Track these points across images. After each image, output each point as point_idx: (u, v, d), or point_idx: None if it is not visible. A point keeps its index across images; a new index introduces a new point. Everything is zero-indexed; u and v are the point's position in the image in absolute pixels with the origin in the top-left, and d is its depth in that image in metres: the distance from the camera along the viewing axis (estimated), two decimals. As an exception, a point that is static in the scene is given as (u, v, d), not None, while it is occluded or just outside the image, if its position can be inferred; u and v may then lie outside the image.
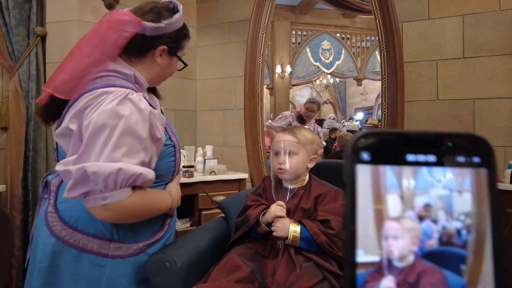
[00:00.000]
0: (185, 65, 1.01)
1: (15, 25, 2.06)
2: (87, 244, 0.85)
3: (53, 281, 0.85)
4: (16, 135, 2.03)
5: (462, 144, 0.22)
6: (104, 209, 0.77)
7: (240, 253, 1.08)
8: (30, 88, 2.11)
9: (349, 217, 0.21)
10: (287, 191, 1.13)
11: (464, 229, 0.20)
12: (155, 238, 0.95)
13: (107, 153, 0.74)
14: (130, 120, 0.77)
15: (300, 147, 1.13)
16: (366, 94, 4.76)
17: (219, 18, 2.69)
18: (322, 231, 1.04)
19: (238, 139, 2.54)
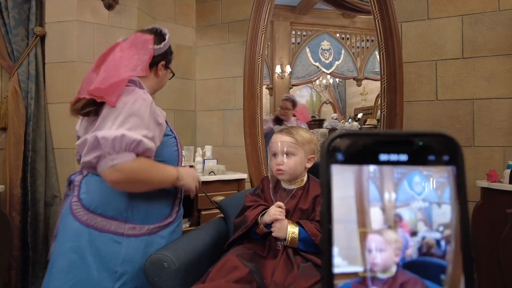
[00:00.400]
0: (173, 74, 1.25)
1: (14, 25, 2.06)
2: (105, 225, 1.01)
3: (78, 259, 0.99)
4: (15, 135, 2.03)
5: (432, 143, 0.23)
6: (113, 170, 0.93)
7: (238, 253, 1.08)
8: (30, 88, 2.11)
9: (326, 216, 0.22)
10: (285, 191, 1.13)
11: (443, 240, 0.20)
12: (165, 222, 1.10)
13: (114, 127, 0.94)
14: (134, 105, 0.97)
15: (298, 148, 1.13)
16: (366, 94, 4.74)
17: (218, 18, 2.69)
18: (320, 231, 1.04)
19: (237, 140, 2.54)
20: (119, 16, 2.29)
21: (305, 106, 3.18)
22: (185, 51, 2.71)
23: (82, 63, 2.19)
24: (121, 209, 1.02)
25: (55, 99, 2.20)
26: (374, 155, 0.22)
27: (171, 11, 2.67)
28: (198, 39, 2.74)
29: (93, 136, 0.93)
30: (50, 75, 2.21)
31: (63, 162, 2.18)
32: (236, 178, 2.05)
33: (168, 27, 2.63)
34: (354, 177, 0.22)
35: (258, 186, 1.27)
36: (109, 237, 1.00)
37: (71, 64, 2.19)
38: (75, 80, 2.17)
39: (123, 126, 0.94)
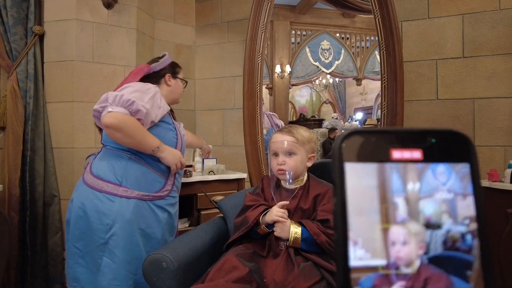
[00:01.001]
0: (186, 83, 1.60)
1: (12, 24, 2.05)
2: (103, 186, 1.26)
3: (83, 214, 1.24)
4: (13, 134, 2.02)
5: (445, 140, 0.23)
6: (109, 115, 1.21)
7: (238, 253, 1.07)
8: (28, 87, 2.10)
9: (340, 216, 0.21)
10: (286, 191, 1.12)
11: (469, 234, 0.19)
12: (156, 194, 1.32)
13: (121, 92, 1.26)
14: (140, 86, 1.32)
15: (299, 147, 1.12)
16: (366, 94, 4.74)
17: (218, 17, 2.68)
18: (322, 231, 1.04)
19: (237, 139, 2.53)
20: (119, 15, 2.28)
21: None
22: (185, 50, 2.70)
23: (81, 62, 2.18)
24: (117, 175, 1.27)
25: (54, 98, 2.19)
26: (387, 153, 0.22)
27: (170, 10, 2.65)
28: (198, 38, 2.73)
29: (104, 95, 1.25)
30: (49, 74, 2.19)
31: (61, 162, 2.17)
32: (236, 177, 2.04)
33: (167, 26, 2.64)
34: (376, 167, 0.21)
35: (258, 185, 1.27)
36: (105, 196, 1.25)
37: (70, 63, 2.17)
38: (74, 79, 2.16)
39: (127, 92, 1.26)
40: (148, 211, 1.28)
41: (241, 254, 1.07)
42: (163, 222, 1.32)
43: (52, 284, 2.12)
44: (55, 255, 2.12)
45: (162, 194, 1.34)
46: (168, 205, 1.35)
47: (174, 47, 2.65)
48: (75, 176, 2.12)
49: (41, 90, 2.15)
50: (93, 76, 2.20)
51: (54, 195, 2.13)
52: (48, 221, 2.11)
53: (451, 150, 0.22)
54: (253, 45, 2.07)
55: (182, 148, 1.44)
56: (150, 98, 1.29)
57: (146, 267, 0.93)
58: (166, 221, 1.34)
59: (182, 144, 1.44)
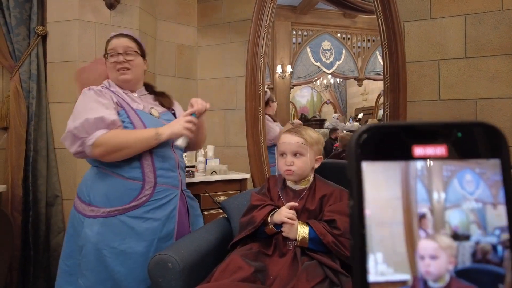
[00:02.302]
0: (109, 55, 1.33)
1: (15, 24, 2.05)
2: (78, 207, 1.24)
3: (73, 232, 1.24)
4: (16, 135, 2.02)
5: (472, 134, 0.20)
6: (94, 147, 1.12)
7: (242, 253, 1.08)
8: (31, 88, 2.10)
9: (357, 219, 0.20)
10: (292, 191, 1.12)
11: (500, 245, 0.18)
12: (127, 206, 1.19)
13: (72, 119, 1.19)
14: (81, 100, 1.23)
15: (308, 148, 1.13)
16: (367, 94, 4.74)
17: (219, 18, 2.69)
18: (328, 231, 1.04)
19: (239, 139, 2.53)
20: (121, 16, 2.28)
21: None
22: (187, 50, 2.71)
23: (83, 63, 2.18)
24: (86, 193, 1.23)
25: (56, 98, 2.19)
26: (408, 149, 0.20)
27: (172, 11, 2.66)
28: (200, 38, 2.74)
29: (64, 134, 1.17)
30: (51, 75, 2.20)
31: (64, 162, 2.17)
32: (239, 178, 2.05)
33: (169, 26, 2.64)
34: (399, 175, 0.20)
35: (264, 185, 1.27)
36: (79, 216, 1.22)
37: (73, 63, 2.17)
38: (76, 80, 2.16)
39: (82, 115, 1.15)
40: (119, 226, 1.17)
41: (246, 254, 1.07)
42: (145, 233, 1.17)
43: (54, 284, 2.12)
44: (57, 255, 2.12)
45: (137, 203, 1.19)
46: (148, 212, 1.19)
47: (176, 47, 2.65)
48: (77, 176, 2.12)
49: (44, 91, 2.16)
50: (95, 76, 2.20)
51: (57, 195, 2.14)
52: (50, 221, 2.12)
53: (479, 145, 0.20)
54: (256, 46, 2.07)
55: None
56: (94, 102, 1.18)
57: (152, 268, 0.94)
58: (152, 230, 1.18)
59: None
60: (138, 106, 1.29)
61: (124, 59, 1.29)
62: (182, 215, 1.30)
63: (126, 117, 1.22)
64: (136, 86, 1.38)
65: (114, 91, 1.30)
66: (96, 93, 1.22)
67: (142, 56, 1.37)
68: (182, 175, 1.35)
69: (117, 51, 1.30)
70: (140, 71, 1.36)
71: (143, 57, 1.37)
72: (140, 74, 1.37)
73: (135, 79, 1.34)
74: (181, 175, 1.32)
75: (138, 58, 1.34)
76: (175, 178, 1.28)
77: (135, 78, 1.34)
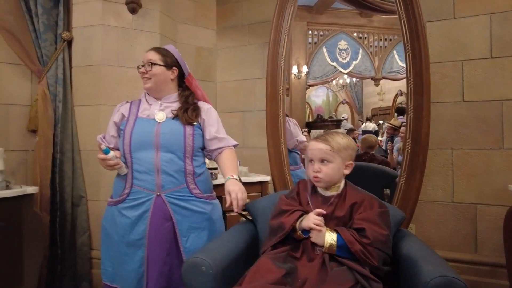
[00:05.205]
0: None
1: (43, 30, 2.12)
2: None
3: None
4: (44, 137, 2.09)
5: None
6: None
7: (272, 256, 1.10)
8: (58, 91, 2.17)
9: None
10: (322, 197, 1.14)
11: None
12: (116, 199, 1.42)
13: None
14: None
15: (335, 155, 1.14)
16: (384, 94, 4.68)
17: (238, 20, 2.71)
18: (357, 239, 1.05)
19: (257, 141, 2.55)
20: (142, 20, 2.33)
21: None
22: (206, 53, 2.74)
23: (106, 66, 2.23)
24: None
25: (81, 101, 2.25)
26: None
27: (191, 14, 2.69)
28: (219, 41, 2.76)
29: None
30: (76, 79, 2.26)
31: (88, 164, 2.23)
32: (259, 180, 2.06)
33: (188, 29, 2.68)
34: None
35: (294, 189, 1.28)
36: None
37: (97, 67, 2.23)
38: (100, 83, 2.22)
39: None
40: (110, 214, 1.43)
41: (276, 257, 1.09)
42: (119, 225, 1.38)
43: (80, 282, 2.19)
44: (83, 254, 2.19)
45: (120, 199, 1.40)
46: (124, 209, 1.37)
47: (195, 50, 2.68)
48: (101, 177, 2.17)
49: (69, 94, 2.22)
50: (118, 79, 2.25)
51: (82, 196, 2.20)
52: (76, 221, 2.18)
53: None
54: (276, 49, 2.08)
55: (128, 142, 1.39)
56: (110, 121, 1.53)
57: (185, 271, 0.96)
58: (123, 225, 1.37)
59: (127, 138, 1.40)
60: (144, 114, 1.45)
61: (144, 70, 1.44)
62: (160, 221, 1.34)
63: (124, 126, 1.45)
64: (160, 94, 1.48)
65: (140, 100, 1.52)
66: (114, 110, 1.53)
67: (168, 66, 1.46)
68: (166, 180, 1.35)
69: (142, 63, 1.46)
70: (160, 80, 1.45)
71: (168, 67, 1.46)
72: (161, 82, 1.45)
73: (155, 87, 1.45)
74: (162, 179, 1.35)
75: (158, 68, 1.43)
76: (150, 182, 1.35)
77: (155, 87, 1.45)
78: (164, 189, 1.36)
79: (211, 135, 1.46)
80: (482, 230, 1.92)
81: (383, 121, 4.47)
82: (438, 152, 2.01)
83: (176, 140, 1.38)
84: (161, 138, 1.37)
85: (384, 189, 2.17)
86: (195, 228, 1.37)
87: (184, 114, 1.43)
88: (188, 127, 1.41)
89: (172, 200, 1.36)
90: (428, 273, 0.90)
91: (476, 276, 1.89)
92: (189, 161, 1.40)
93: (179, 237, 1.35)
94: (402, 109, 4.68)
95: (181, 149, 1.38)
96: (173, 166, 1.37)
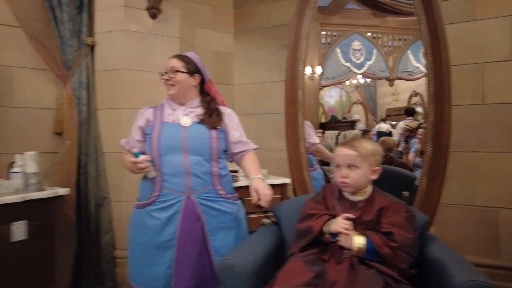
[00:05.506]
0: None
1: (68, 37, 2.18)
2: None
3: None
4: (70, 140, 2.15)
5: None
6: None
7: (302, 259, 1.13)
8: (81, 95, 2.23)
9: None
10: (348, 202, 1.16)
11: None
12: (143, 202, 1.45)
13: None
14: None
15: (362, 160, 1.16)
16: (398, 95, 4.67)
17: (255, 23, 2.74)
18: (385, 243, 1.07)
19: (275, 143, 2.57)
20: (162, 25, 2.37)
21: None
22: (223, 56, 2.77)
23: (128, 71, 2.29)
24: None
25: (104, 105, 2.31)
26: None
27: (209, 18, 2.73)
28: (236, 44, 2.80)
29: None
30: (99, 83, 2.32)
31: (111, 165, 2.29)
32: (280, 183, 2.09)
33: (206, 33, 2.71)
34: None
35: (320, 192, 1.31)
36: None
37: (118, 71, 2.29)
38: (121, 87, 2.27)
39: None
40: (139, 216, 1.46)
41: (306, 260, 1.12)
42: (149, 227, 1.40)
43: (103, 281, 2.25)
44: (107, 253, 2.25)
45: (148, 202, 1.42)
46: (154, 211, 1.40)
47: (212, 53, 2.72)
48: (124, 179, 2.23)
49: (92, 98, 2.28)
50: (138, 83, 2.30)
51: (105, 197, 2.26)
52: (100, 221, 2.24)
53: None
54: (295, 52, 2.11)
55: (156, 146, 1.43)
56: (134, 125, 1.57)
57: (220, 272, 1.00)
58: (154, 227, 1.39)
59: (155, 142, 1.44)
60: (169, 118, 1.49)
61: (168, 77, 1.49)
62: (190, 221, 1.40)
63: (150, 130, 1.48)
64: (183, 100, 1.53)
65: (164, 105, 1.56)
66: (138, 115, 1.57)
67: (190, 73, 1.51)
68: (196, 182, 1.41)
69: (165, 70, 1.51)
70: (183, 87, 1.50)
71: (191, 74, 1.51)
72: (184, 89, 1.51)
73: (179, 94, 1.50)
74: (191, 181, 1.40)
75: (182, 76, 1.49)
76: (179, 184, 1.40)
77: (179, 93, 1.50)
78: (193, 190, 1.40)
79: (236, 139, 1.52)
80: (504, 234, 1.92)
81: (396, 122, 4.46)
82: (459, 155, 2.01)
83: (203, 143, 1.44)
84: (189, 142, 1.42)
85: (402, 192, 2.18)
86: (223, 228, 1.42)
87: (209, 119, 1.49)
88: (213, 131, 1.47)
89: (201, 201, 1.40)
90: (459, 278, 0.92)
91: (498, 281, 1.89)
92: (215, 163, 1.46)
93: (207, 236, 1.39)
94: (412, 110, 4.64)
95: (207, 152, 1.44)
96: (201, 168, 1.42)
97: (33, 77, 2.21)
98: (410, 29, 3.91)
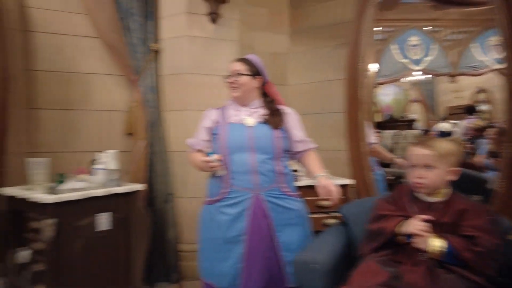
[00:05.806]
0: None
1: (137, 43, 2.35)
2: None
3: None
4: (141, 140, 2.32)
5: None
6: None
7: (377, 259, 1.12)
8: (149, 98, 2.39)
9: None
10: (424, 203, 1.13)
11: None
12: (213, 199, 1.52)
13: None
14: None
15: (438, 160, 1.12)
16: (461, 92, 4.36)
17: (311, 23, 2.73)
18: (467, 247, 1.03)
19: (333, 143, 2.54)
20: (222, 29, 2.46)
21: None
22: (279, 57, 2.80)
23: (191, 75, 2.41)
24: None
25: (169, 107, 2.45)
26: None
27: (265, 20, 2.77)
28: (291, 44, 2.81)
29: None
30: (164, 86, 2.47)
31: (176, 164, 2.42)
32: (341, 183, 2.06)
33: (262, 36, 2.76)
34: None
35: (392, 193, 1.29)
36: None
37: (182, 75, 2.41)
38: (186, 90, 2.39)
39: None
40: (208, 212, 1.53)
41: (380, 261, 1.10)
42: (219, 222, 1.47)
43: (169, 273, 2.39)
44: (172, 247, 2.39)
45: (218, 198, 1.49)
46: (223, 207, 1.47)
47: (269, 55, 2.76)
48: (188, 176, 2.35)
49: (159, 100, 2.44)
50: (201, 87, 2.41)
51: (171, 193, 2.40)
52: (166, 216, 2.39)
53: None
54: (356, 51, 2.08)
55: (225, 145, 1.50)
56: (200, 126, 1.65)
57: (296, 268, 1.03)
58: (223, 222, 1.46)
59: (224, 142, 1.51)
60: (234, 119, 1.55)
61: (232, 80, 1.55)
62: (259, 217, 1.45)
63: (217, 130, 1.56)
64: (246, 101, 1.59)
65: (227, 106, 1.62)
66: (204, 116, 1.65)
67: (253, 75, 1.57)
68: (263, 179, 1.47)
69: (229, 74, 1.57)
70: (247, 89, 1.56)
71: (253, 76, 1.57)
72: (247, 91, 1.57)
73: (243, 95, 1.57)
74: (259, 179, 1.46)
75: (245, 78, 1.55)
76: (248, 181, 1.46)
77: (243, 95, 1.57)
78: (261, 188, 1.46)
79: (299, 138, 1.58)
80: None
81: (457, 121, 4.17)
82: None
83: (267, 142, 1.50)
84: (255, 141, 1.48)
85: (471, 195, 2.05)
86: (289, 224, 1.46)
87: (273, 119, 1.55)
88: (276, 130, 1.53)
89: (268, 198, 1.46)
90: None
91: None
92: (279, 162, 1.52)
93: (274, 232, 1.43)
94: (472, 108, 4.29)
95: (272, 151, 1.50)
96: (267, 167, 1.48)
97: (107, 82, 2.42)
98: (475, 20, 3.64)
